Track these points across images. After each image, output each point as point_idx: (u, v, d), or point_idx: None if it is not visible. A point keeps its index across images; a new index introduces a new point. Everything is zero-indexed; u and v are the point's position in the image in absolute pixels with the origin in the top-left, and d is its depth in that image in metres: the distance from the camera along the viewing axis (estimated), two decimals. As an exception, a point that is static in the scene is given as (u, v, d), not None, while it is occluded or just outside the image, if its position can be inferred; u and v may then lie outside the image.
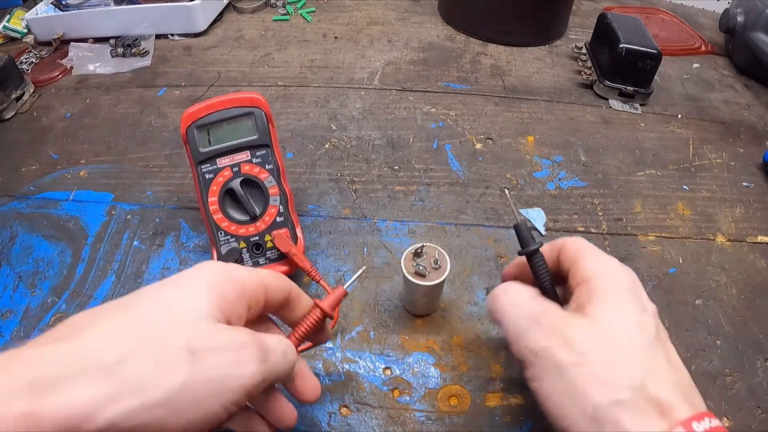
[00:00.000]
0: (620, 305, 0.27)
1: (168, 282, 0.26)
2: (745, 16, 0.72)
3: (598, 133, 0.62)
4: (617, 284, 0.28)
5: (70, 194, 0.53)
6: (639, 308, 0.27)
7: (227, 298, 0.25)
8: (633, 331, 0.26)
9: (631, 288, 0.28)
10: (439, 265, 0.38)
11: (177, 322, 0.23)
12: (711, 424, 0.23)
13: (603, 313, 0.27)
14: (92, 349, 0.21)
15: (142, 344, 0.22)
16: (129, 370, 0.21)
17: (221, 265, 0.27)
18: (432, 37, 0.79)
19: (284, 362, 0.27)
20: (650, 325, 0.27)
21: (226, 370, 0.23)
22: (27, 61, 0.73)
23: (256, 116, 0.42)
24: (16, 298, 0.45)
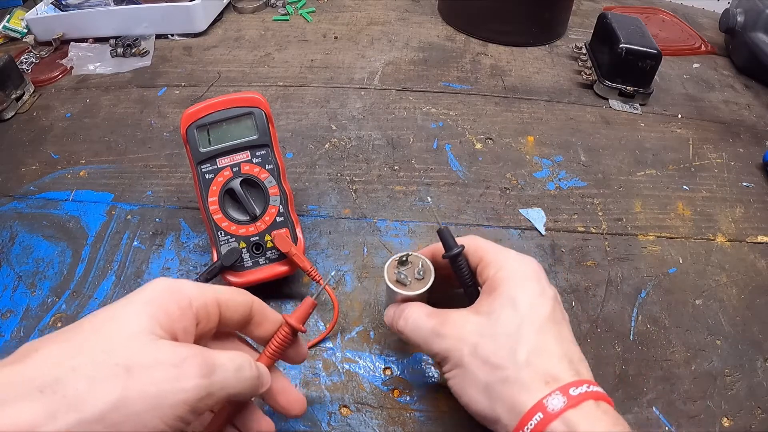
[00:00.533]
0: (515, 294, 0.30)
1: (114, 304, 0.26)
2: (745, 16, 0.72)
3: (598, 133, 0.62)
4: (513, 275, 0.31)
5: (70, 194, 0.53)
6: (536, 293, 0.31)
7: (169, 313, 0.25)
8: (525, 315, 0.30)
9: (529, 276, 0.32)
10: (423, 276, 0.36)
11: (113, 339, 0.24)
12: (589, 389, 0.27)
13: (498, 305, 0.30)
14: (35, 371, 0.22)
15: (79, 363, 0.22)
16: (66, 389, 0.22)
17: (167, 281, 0.27)
18: (432, 37, 0.79)
19: (238, 378, 0.26)
20: (544, 308, 0.30)
21: (163, 385, 0.23)
22: (27, 61, 0.73)
23: (256, 116, 0.42)
24: (16, 298, 0.45)
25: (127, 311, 0.25)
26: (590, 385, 0.27)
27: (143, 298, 0.26)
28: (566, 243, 0.49)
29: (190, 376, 0.24)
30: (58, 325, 0.42)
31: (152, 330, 0.24)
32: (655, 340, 0.42)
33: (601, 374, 0.39)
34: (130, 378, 0.22)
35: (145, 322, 0.24)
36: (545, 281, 0.32)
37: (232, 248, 0.42)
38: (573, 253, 0.48)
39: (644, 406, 0.38)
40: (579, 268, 0.47)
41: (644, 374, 0.40)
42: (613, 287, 0.46)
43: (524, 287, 0.31)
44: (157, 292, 0.26)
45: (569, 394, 0.26)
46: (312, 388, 0.39)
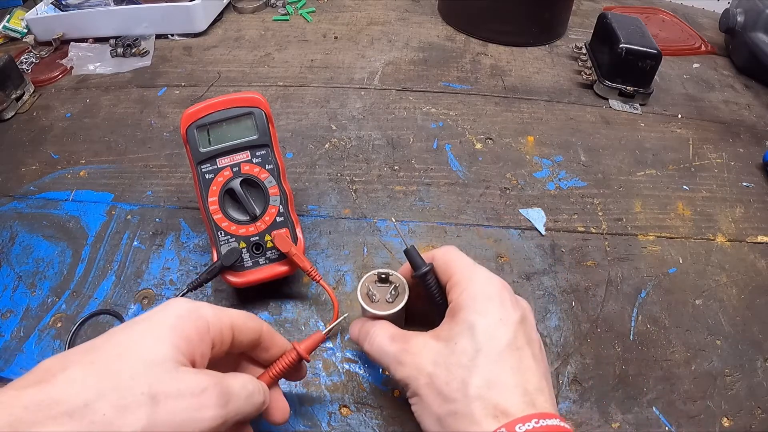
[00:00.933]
0: (474, 320, 0.29)
1: (134, 324, 0.27)
2: (745, 16, 0.72)
3: (598, 133, 0.62)
4: (475, 298, 0.30)
5: (70, 194, 0.53)
6: (496, 318, 0.29)
7: (190, 339, 0.26)
8: (482, 343, 0.28)
9: (491, 298, 0.30)
10: (393, 299, 0.36)
11: (139, 367, 0.24)
12: (538, 424, 0.25)
13: (456, 331, 0.29)
14: (62, 394, 0.23)
15: (107, 389, 0.23)
16: (95, 415, 0.22)
17: (186, 304, 0.28)
18: (432, 37, 0.79)
19: (249, 404, 0.28)
20: (503, 335, 0.29)
21: (185, 415, 0.24)
22: (27, 61, 0.73)
23: (256, 116, 0.42)
24: (16, 298, 0.45)
25: (150, 337, 0.26)
26: (540, 419, 0.26)
27: (166, 324, 0.26)
28: (566, 243, 0.49)
29: (209, 406, 0.25)
30: (58, 326, 0.42)
31: (175, 358, 0.25)
32: (655, 340, 0.42)
33: (601, 374, 0.39)
34: (156, 407, 0.23)
35: (168, 350, 0.25)
36: (510, 303, 0.30)
37: (232, 248, 0.42)
38: (573, 253, 0.48)
39: (644, 406, 0.38)
40: (579, 268, 0.47)
41: (644, 374, 0.40)
42: (613, 287, 0.46)
43: (485, 312, 0.29)
44: (179, 317, 0.27)
45: (514, 429, 0.25)
46: (312, 388, 0.39)
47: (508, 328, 0.29)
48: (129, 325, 0.27)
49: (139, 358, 0.25)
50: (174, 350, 0.25)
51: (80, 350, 0.25)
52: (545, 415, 0.26)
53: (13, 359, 0.40)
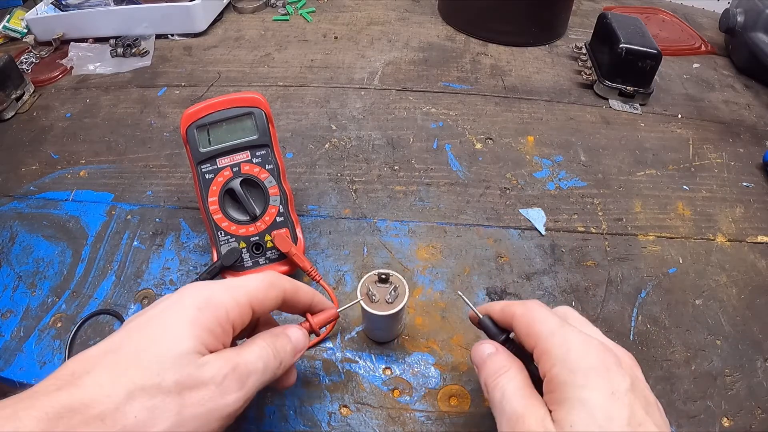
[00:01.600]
0: (583, 400, 0.25)
1: (152, 319, 0.27)
2: (745, 16, 0.72)
3: (598, 133, 0.62)
4: (576, 371, 0.26)
5: (70, 194, 0.53)
6: (606, 394, 0.25)
7: (211, 330, 0.27)
8: (600, 427, 0.24)
9: (596, 368, 0.26)
10: (392, 301, 0.36)
11: (164, 364, 0.25)
12: None
13: (568, 419, 0.25)
14: (92, 398, 0.23)
15: (135, 390, 0.24)
16: (126, 418, 0.23)
17: (203, 292, 0.28)
18: (432, 37, 0.79)
19: (266, 372, 0.28)
20: (619, 413, 0.24)
21: (210, 404, 0.25)
22: (27, 61, 0.73)
23: (256, 116, 0.42)
24: (16, 298, 0.45)
25: (170, 334, 0.26)
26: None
27: (186, 318, 0.27)
28: (566, 243, 0.49)
29: (231, 391, 0.26)
30: (58, 326, 0.42)
31: (196, 350, 0.26)
32: (655, 340, 0.42)
33: (601, 374, 0.39)
34: (183, 402, 0.24)
35: (190, 343, 0.26)
36: (615, 369, 0.26)
37: (232, 248, 0.42)
38: (573, 253, 0.48)
39: (644, 406, 0.38)
40: (579, 268, 0.47)
41: (644, 374, 0.39)
42: (613, 287, 0.46)
43: (591, 387, 0.25)
44: (199, 311, 0.27)
45: None
46: (312, 388, 0.39)
47: (622, 402, 0.25)
48: (147, 320, 0.27)
49: (162, 355, 0.25)
50: (196, 342, 0.26)
51: (101, 350, 0.26)
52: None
53: (13, 359, 0.40)
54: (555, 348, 0.27)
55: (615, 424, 0.24)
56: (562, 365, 0.26)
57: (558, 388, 0.26)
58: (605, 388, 0.25)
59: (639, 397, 0.26)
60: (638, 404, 0.25)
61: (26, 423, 0.22)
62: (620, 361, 0.27)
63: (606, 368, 0.26)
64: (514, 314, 0.30)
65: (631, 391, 0.25)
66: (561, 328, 0.27)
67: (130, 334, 0.26)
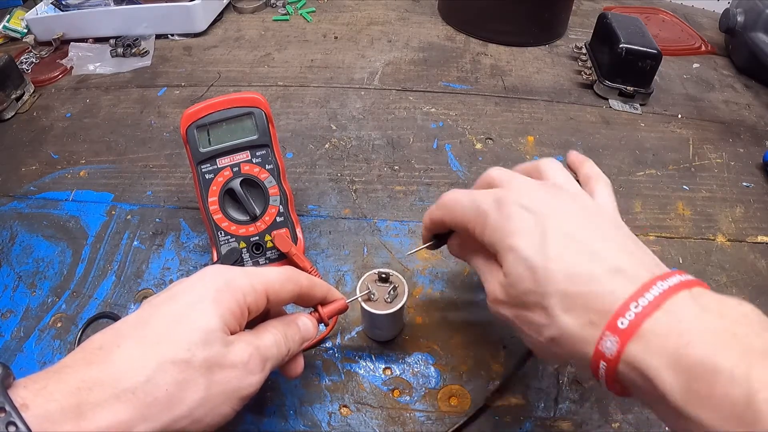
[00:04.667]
0: (510, 246, 0.28)
1: (176, 296, 0.27)
2: (745, 16, 0.72)
3: (598, 133, 0.62)
4: (485, 228, 0.30)
5: (70, 194, 0.53)
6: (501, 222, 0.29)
7: (232, 310, 0.27)
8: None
9: (485, 215, 0.30)
10: (391, 301, 0.36)
11: (194, 338, 0.25)
12: (674, 281, 0.24)
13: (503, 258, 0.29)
14: (122, 372, 0.23)
15: (165, 363, 0.24)
16: (158, 390, 0.23)
17: (224, 275, 0.28)
18: (432, 37, 0.79)
19: (279, 356, 0.29)
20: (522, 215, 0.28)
21: (236, 383, 0.26)
22: (27, 61, 0.73)
23: (256, 116, 0.42)
24: (16, 298, 0.45)
25: (197, 311, 0.26)
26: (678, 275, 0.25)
27: (209, 297, 0.27)
28: (566, 243, 0.49)
29: (254, 372, 0.27)
30: (58, 326, 0.42)
31: (222, 329, 0.26)
32: (655, 340, 0.42)
33: (601, 374, 0.39)
34: (211, 377, 0.25)
35: (215, 322, 0.26)
36: (492, 201, 0.30)
37: (232, 248, 0.42)
38: (573, 253, 0.48)
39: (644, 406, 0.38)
40: (579, 268, 0.47)
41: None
42: (613, 287, 0.45)
43: (490, 234, 0.30)
44: (220, 292, 0.27)
45: (658, 281, 0.24)
46: (312, 388, 0.39)
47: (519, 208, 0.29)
48: (172, 297, 0.27)
49: (191, 330, 0.25)
50: (220, 323, 0.26)
51: (128, 325, 0.26)
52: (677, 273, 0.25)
53: (13, 359, 0.40)
54: (469, 223, 0.31)
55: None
56: (481, 230, 0.30)
57: (488, 246, 0.30)
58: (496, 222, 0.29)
59: (527, 192, 0.29)
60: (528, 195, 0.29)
61: (57, 396, 0.22)
62: (494, 194, 0.30)
63: (486, 208, 0.29)
64: (442, 219, 0.34)
65: (513, 198, 0.29)
66: (460, 207, 0.32)
67: (157, 310, 0.27)
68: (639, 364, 0.23)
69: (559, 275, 0.26)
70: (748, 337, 0.21)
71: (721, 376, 0.20)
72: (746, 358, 0.20)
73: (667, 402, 0.22)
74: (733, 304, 0.23)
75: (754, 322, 0.22)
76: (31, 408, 0.21)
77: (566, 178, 0.32)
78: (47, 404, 0.21)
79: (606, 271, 0.25)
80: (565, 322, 0.25)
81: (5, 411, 0.20)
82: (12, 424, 0.20)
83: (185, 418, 0.24)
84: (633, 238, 0.28)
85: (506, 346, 0.41)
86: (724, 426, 0.20)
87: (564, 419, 0.37)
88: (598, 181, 0.33)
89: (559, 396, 0.38)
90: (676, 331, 0.22)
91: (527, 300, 0.27)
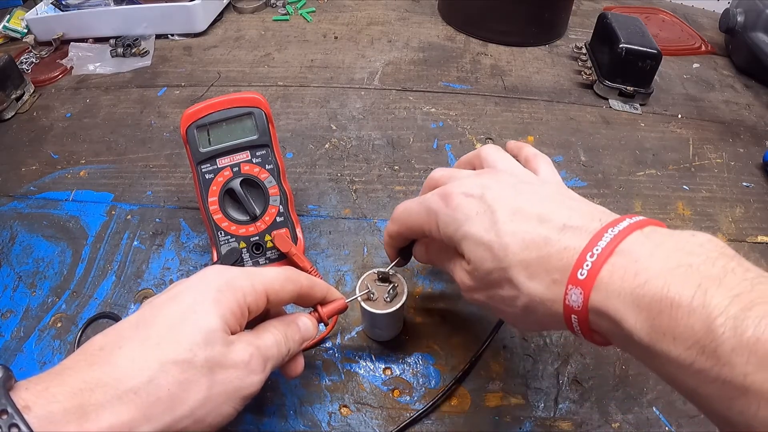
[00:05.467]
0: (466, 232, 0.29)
1: (176, 296, 0.27)
2: (745, 16, 0.72)
3: (598, 133, 0.62)
4: (439, 226, 0.31)
5: (70, 194, 0.53)
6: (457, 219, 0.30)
7: (232, 311, 0.27)
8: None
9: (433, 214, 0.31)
10: (390, 300, 0.36)
11: (196, 338, 0.25)
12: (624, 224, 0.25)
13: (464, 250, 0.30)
14: (125, 373, 0.23)
15: (168, 364, 0.24)
16: (160, 391, 0.23)
17: (224, 275, 0.28)
18: (432, 37, 0.79)
19: (279, 356, 0.29)
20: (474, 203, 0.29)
21: (237, 383, 0.26)
22: (27, 61, 0.73)
23: (256, 116, 0.42)
24: (16, 298, 0.45)
25: (198, 311, 0.26)
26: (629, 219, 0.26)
27: (209, 297, 0.27)
28: (566, 243, 0.49)
29: (256, 372, 0.27)
30: (58, 326, 0.42)
31: (223, 329, 0.26)
32: (655, 340, 0.42)
33: (601, 374, 0.39)
34: (213, 378, 0.25)
35: (216, 322, 0.26)
36: (439, 199, 0.31)
37: (232, 248, 0.42)
38: (573, 253, 0.48)
39: (644, 406, 0.38)
40: (579, 268, 0.47)
41: (644, 374, 0.40)
42: (613, 287, 0.45)
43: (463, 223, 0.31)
44: (221, 292, 0.27)
45: (615, 224, 0.25)
46: (312, 388, 0.39)
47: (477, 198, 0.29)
48: (172, 297, 0.27)
49: (193, 330, 0.25)
50: (222, 323, 0.26)
51: (130, 326, 0.26)
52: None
53: (13, 359, 0.40)
54: (424, 226, 0.32)
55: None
56: (436, 229, 0.31)
57: (446, 241, 0.31)
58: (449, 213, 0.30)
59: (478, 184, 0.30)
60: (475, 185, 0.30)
61: (59, 398, 0.22)
62: (439, 191, 0.31)
63: (436, 207, 0.30)
64: (399, 232, 0.35)
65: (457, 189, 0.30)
66: (412, 214, 0.33)
67: (158, 311, 0.27)
68: (605, 309, 0.23)
69: (514, 247, 0.26)
70: (704, 265, 0.22)
71: (680, 309, 0.21)
72: (703, 287, 0.21)
73: (635, 342, 0.22)
74: (687, 236, 0.24)
75: (709, 249, 0.23)
76: (33, 410, 0.21)
77: (506, 160, 0.33)
78: (50, 406, 0.21)
79: (556, 230, 0.26)
80: (532, 288, 0.26)
81: (7, 413, 0.20)
82: (15, 426, 0.20)
83: (187, 418, 0.24)
84: (579, 198, 0.29)
85: (506, 346, 0.41)
86: (690, 356, 0.20)
87: (564, 419, 0.37)
88: (538, 159, 0.34)
89: (559, 396, 0.38)
90: (633, 271, 0.22)
91: (493, 278, 0.28)
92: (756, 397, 0.19)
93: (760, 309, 0.19)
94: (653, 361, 0.22)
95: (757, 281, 0.20)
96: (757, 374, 0.18)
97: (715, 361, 0.19)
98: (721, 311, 0.19)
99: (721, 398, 0.20)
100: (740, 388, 0.19)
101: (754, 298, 0.20)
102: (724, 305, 0.20)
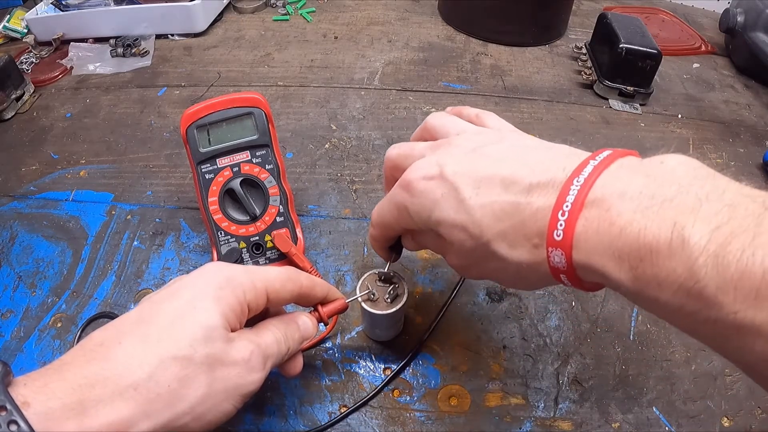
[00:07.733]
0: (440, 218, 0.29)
1: (177, 292, 0.27)
2: (745, 16, 0.72)
3: (598, 133, 0.62)
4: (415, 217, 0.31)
5: (70, 194, 0.53)
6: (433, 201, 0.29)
7: (232, 308, 0.27)
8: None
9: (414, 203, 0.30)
10: (391, 301, 0.36)
11: (196, 335, 0.25)
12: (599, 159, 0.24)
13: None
14: (124, 369, 0.23)
15: (167, 360, 0.24)
16: (159, 387, 0.23)
17: (224, 272, 0.28)
18: (432, 37, 0.78)
19: (279, 354, 0.29)
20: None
21: (237, 380, 0.26)
22: (27, 61, 0.73)
23: (256, 116, 0.42)
24: (16, 298, 0.45)
25: (198, 307, 0.26)
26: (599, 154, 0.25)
27: (210, 294, 0.27)
28: (566, 243, 0.49)
29: (256, 370, 0.27)
30: (58, 326, 0.42)
31: (223, 326, 0.26)
32: (655, 340, 0.42)
33: (601, 374, 0.39)
34: (213, 374, 0.25)
35: (216, 319, 0.26)
36: (407, 185, 0.30)
37: (232, 248, 0.42)
38: (573, 253, 0.48)
39: (644, 406, 0.38)
40: (579, 268, 0.47)
41: (644, 374, 0.40)
42: (613, 287, 0.45)
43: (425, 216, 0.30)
44: (221, 289, 0.27)
45: (591, 160, 0.24)
46: (312, 388, 0.39)
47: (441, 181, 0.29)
48: (172, 294, 0.27)
49: (193, 326, 0.25)
50: (222, 320, 0.26)
51: (129, 321, 0.26)
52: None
53: (13, 359, 0.40)
54: (400, 222, 0.31)
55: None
56: (412, 221, 0.30)
57: (426, 229, 0.30)
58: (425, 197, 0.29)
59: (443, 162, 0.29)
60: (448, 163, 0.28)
61: (58, 394, 0.22)
62: (399, 183, 0.30)
63: (409, 195, 0.30)
64: (382, 234, 0.34)
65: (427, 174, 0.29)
66: (385, 215, 0.32)
67: (158, 307, 0.26)
68: (589, 265, 0.23)
69: (487, 220, 0.26)
70: (678, 196, 0.20)
71: (659, 254, 0.20)
72: (679, 224, 0.19)
73: (625, 291, 0.22)
74: (656, 164, 0.23)
75: (680, 176, 0.21)
76: (32, 406, 0.21)
77: (454, 123, 0.32)
78: (49, 402, 0.21)
79: (523, 192, 0.25)
80: (516, 256, 0.26)
81: (6, 409, 0.20)
82: (13, 423, 0.20)
83: (187, 415, 0.24)
84: (538, 144, 0.29)
85: (506, 346, 0.41)
86: (678, 300, 0.20)
87: (564, 419, 0.37)
88: (482, 116, 0.34)
89: (559, 396, 0.38)
90: (607, 221, 0.22)
91: (478, 254, 0.28)
92: (750, 334, 0.18)
93: (740, 241, 0.18)
94: (649, 306, 0.22)
95: (734, 206, 0.19)
96: (747, 311, 0.18)
97: (703, 303, 0.19)
98: (701, 250, 0.19)
99: (717, 338, 0.19)
100: (732, 327, 0.18)
101: (734, 228, 0.18)
102: (703, 244, 0.19)
